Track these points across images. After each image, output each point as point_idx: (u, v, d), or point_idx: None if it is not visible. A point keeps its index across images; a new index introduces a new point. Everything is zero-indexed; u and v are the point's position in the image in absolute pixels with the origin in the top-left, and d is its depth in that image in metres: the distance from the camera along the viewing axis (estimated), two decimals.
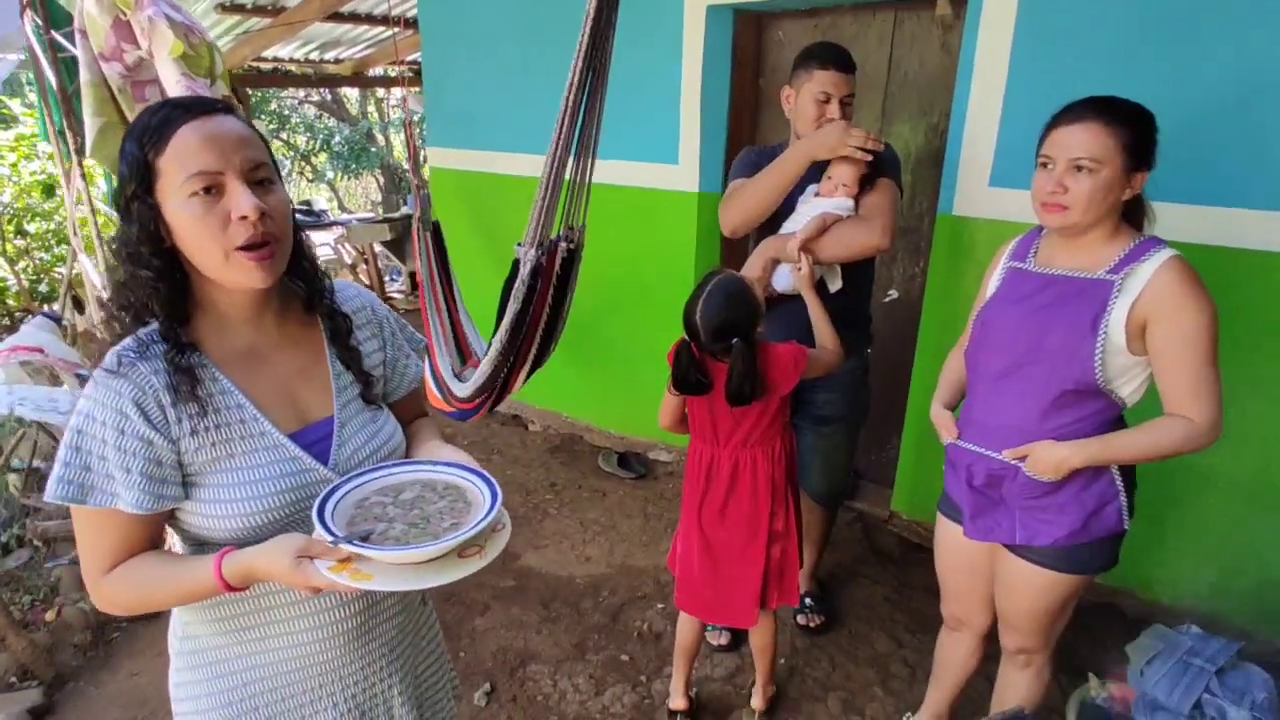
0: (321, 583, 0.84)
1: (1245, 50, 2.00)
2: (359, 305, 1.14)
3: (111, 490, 0.89)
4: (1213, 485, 2.25)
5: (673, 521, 3.17)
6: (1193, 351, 1.32)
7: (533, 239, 1.90)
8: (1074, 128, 1.35)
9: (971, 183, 2.50)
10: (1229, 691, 1.62)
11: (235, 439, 0.95)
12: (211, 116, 0.90)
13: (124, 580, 0.93)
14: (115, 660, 2.42)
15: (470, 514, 0.93)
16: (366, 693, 1.12)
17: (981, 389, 1.58)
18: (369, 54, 6.18)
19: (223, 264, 0.90)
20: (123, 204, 0.90)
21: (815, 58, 1.93)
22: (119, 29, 1.34)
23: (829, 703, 2.21)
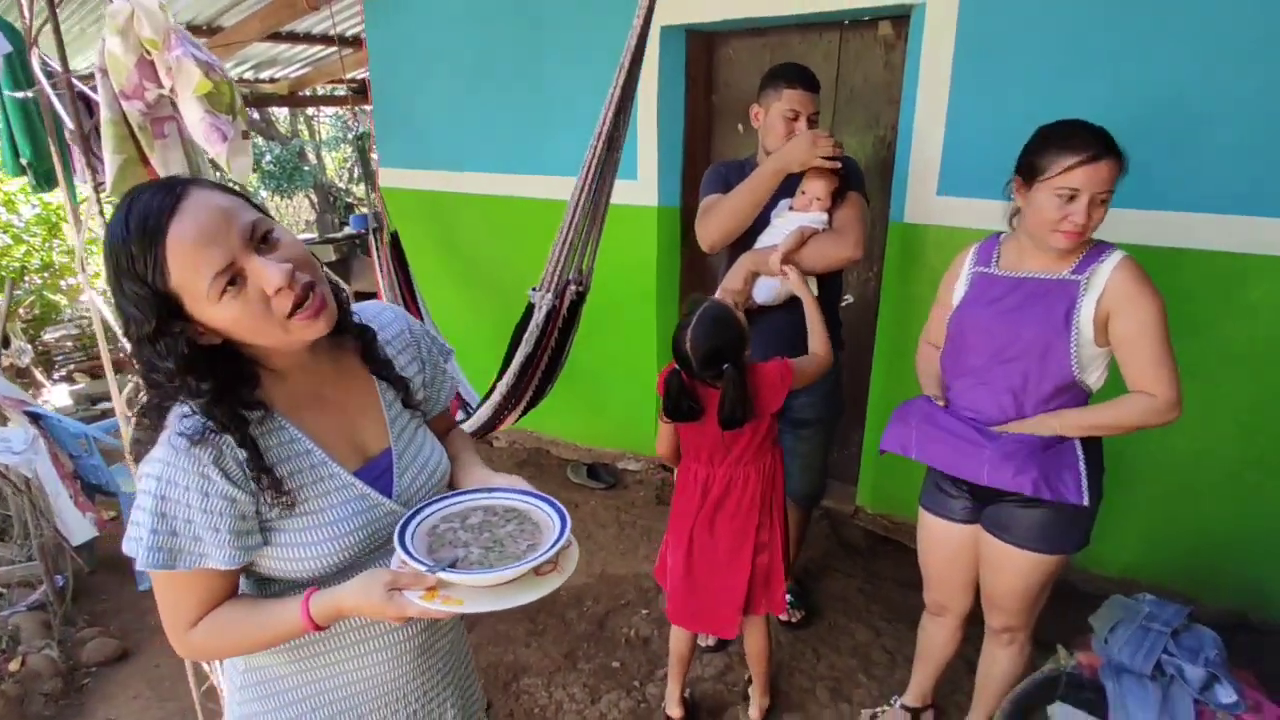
0: (415, 611, 0.87)
1: (1176, 60, 2.19)
2: (397, 330, 1.15)
3: (200, 551, 0.90)
4: (1156, 468, 2.44)
5: (646, 529, 3.24)
6: (1150, 336, 1.49)
7: (549, 283, 1.94)
8: (1099, 165, 1.45)
9: (920, 192, 2.66)
10: (1184, 651, 1.77)
11: (308, 484, 0.97)
12: (186, 203, 0.84)
13: (212, 632, 0.95)
14: (89, 705, 2.34)
15: (540, 534, 0.97)
16: (425, 708, 1.15)
17: (961, 386, 1.72)
18: (305, 73, 6.07)
19: (284, 335, 0.91)
20: (147, 339, 0.86)
21: (783, 77, 2.04)
22: (142, 68, 1.33)
23: (817, 692, 2.30)
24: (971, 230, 2.59)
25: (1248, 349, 2.28)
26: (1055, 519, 1.64)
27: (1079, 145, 1.47)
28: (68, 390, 5.09)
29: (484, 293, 3.87)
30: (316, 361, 1.02)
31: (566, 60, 3.28)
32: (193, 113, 1.33)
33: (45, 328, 5.65)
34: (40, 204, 5.47)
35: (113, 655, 2.52)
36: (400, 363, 1.13)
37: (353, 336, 1.07)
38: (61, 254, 5.65)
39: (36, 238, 5.44)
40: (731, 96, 3.26)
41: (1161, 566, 2.56)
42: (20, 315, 5.37)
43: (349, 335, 1.07)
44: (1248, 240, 2.20)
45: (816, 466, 2.36)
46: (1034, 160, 1.54)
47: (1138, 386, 1.53)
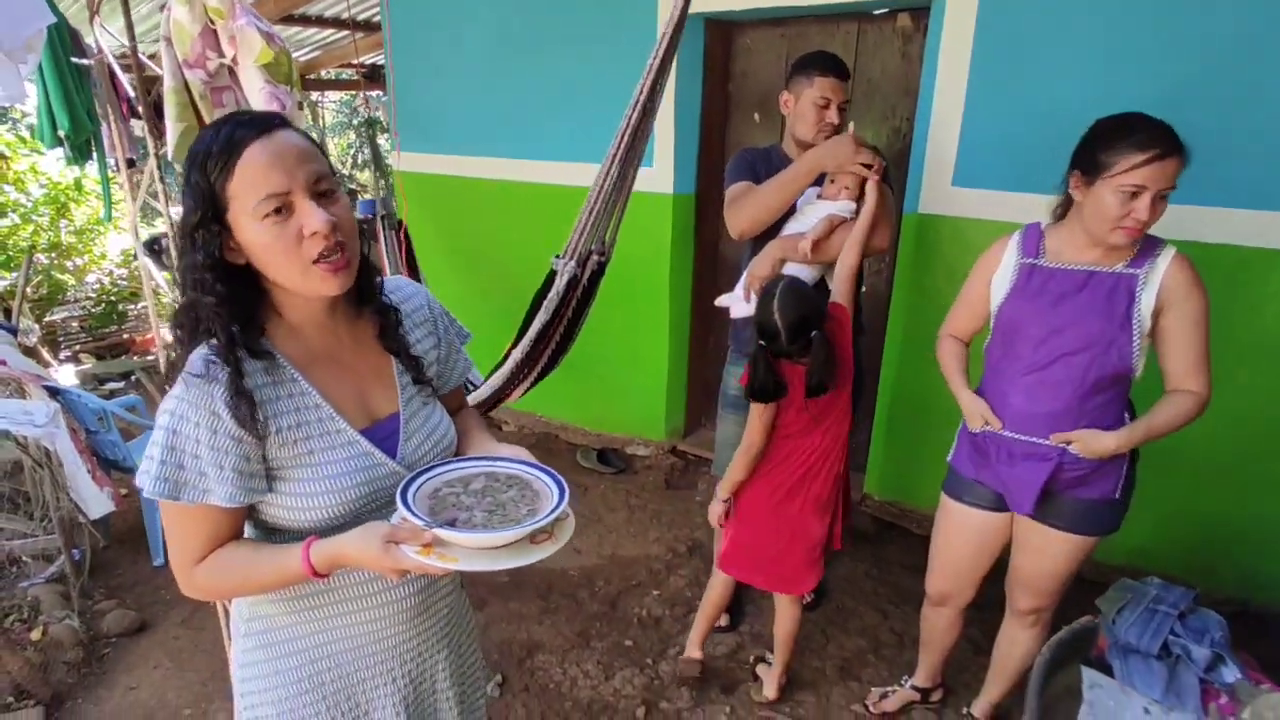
0: (410, 565, 0.90)
1: (1192, 51, 2.23)
2: (417, 304, 1.19)
3: (204, 486, 0.94)
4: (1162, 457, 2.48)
5: (656, 513, 3.28)
6: (1199, 332, 1.53)
7: (573, 251, 1.96)
8: (1166, 163, 1.44)
9: (936, 183, 2.69)
10: (1190, 632, 1.81)
11: (314, 436, 1.00)
12: (273, 134, 0.92)
13: (215, 570, 0.98)
14: (111, 676, 2.37)
15: (539, 502, 1.00)
16: (419, 667, 1.18)
17: (1020, 380, 1.69)
18: (316, 56, 6.07)
19: (301, 277, 0.95)
20: (188, 231, 0.92)
21: (815, 65, 2.06)
22: (206, 37, 1.35)
23: (827, 671, 2.35)
24: (987, 221, 2.63)
25: (1253, 342, 2.32)
26: (1096, 503, 1.71)
27: (1146, 142, 1.44)
28: (74, 370, 5.11)
29: (495, 277, 3.89)
30: (334, 324, 1.06)
31: (585, 45, 3.30)
32: (253, 81, 1.36)
33: (52, 308, 5.66)
34: (49, 184, 5.47)
35: (131, 627, 2.55)
36: (416, 336, 1.16)
37: (376, 314, 1.11)
38: (69, 234, 5.65)
39: (44, 217, 5.44)
40: (748, 86, 3.28)
41: (1166, 555, 2.61)
42: (28, 295, 5.37)
43: (372, 311, 1.11)
44: (1255, 234, 2.24)
45: None
46: (1098, 156, 1.51)
47: (1179, 381, 1.57)
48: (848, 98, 2.07)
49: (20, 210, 5.34)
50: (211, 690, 2.29)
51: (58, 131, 2.53)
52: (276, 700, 1.10)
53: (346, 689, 1.12)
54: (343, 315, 1.07)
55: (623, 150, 1.94)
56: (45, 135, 2.61)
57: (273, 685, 1.10)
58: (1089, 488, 1.69)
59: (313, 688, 1.10)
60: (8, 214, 5.27)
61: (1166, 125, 1.47)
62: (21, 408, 2.63)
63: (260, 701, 1.11)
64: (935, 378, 2.88)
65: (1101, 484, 1.68)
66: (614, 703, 2.24)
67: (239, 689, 1.15)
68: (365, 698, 1.14)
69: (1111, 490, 1.69)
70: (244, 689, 1.14)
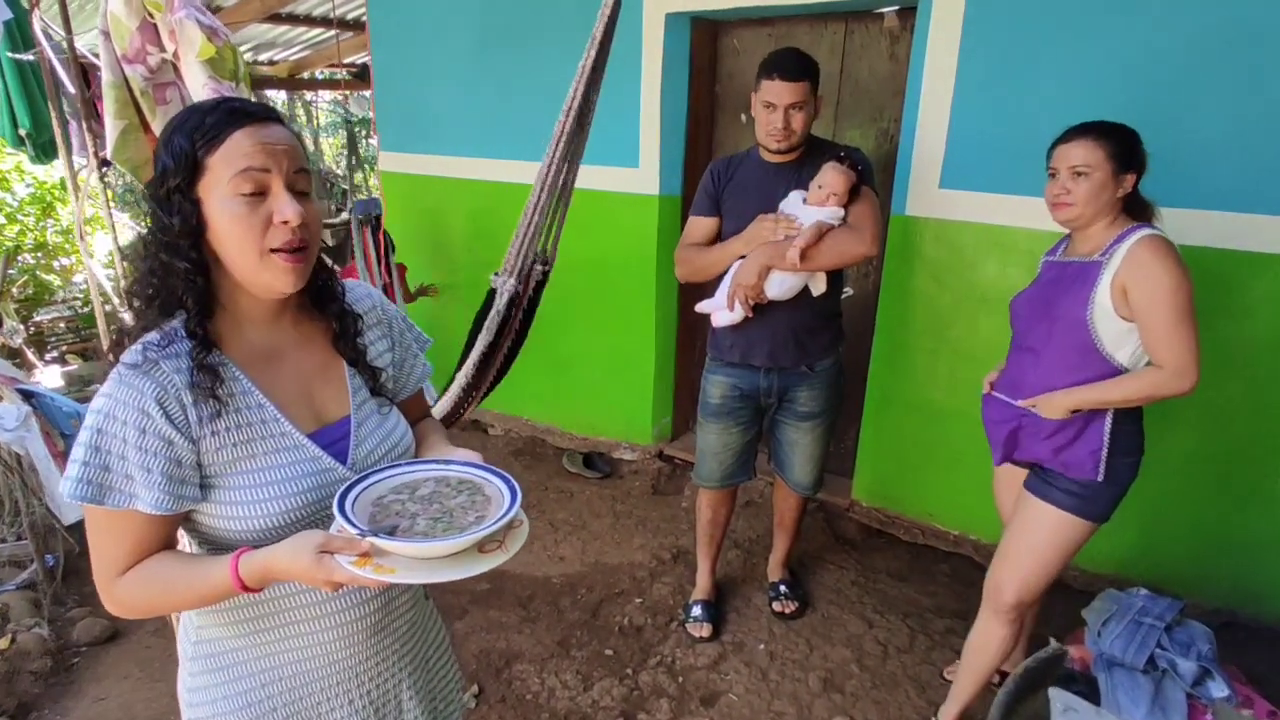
0: (344, 577, 0.83)
1: (1176, 54, 2.19)
2: (369, 305, 1.14)
3: (130, 491, 0.88)
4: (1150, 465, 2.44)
5: (641, 519, 3.23)
6: (1160, 307, 1.57)
7: (511, 268, 1.92)
8: (1071, 144, 1.68)
9: (923, 185, 2.65)
10: (1177, 645, 1.77)
11: (256, 439, 0.95)
12: (266, 124, 0.91)
13: (138, 582, 0.92)
14: (78, 686, 2.32)
15: (490, 508, 0.94)
16: (380, 689, 1.13)
17: (1013, 355, 1.90)
18: (305, 56, 6.03)
19: (257, 264, 0.91)
20: (162, 195, 0.90)
21: (765, 67, 2.01)
22: (145, 31, 1.30)
23: (809, 682, 2.31)
24: (974, 224, 2.60)
25: (1243, 349, 2.29)
26: (1083, 486, 1.75)
27: (1062, 134, 1.73)
28: (60, 371, 5.05)
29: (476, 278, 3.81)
30: (279, 322, 1.02)
31: (564, 46, 3.24)
32: (196, 78, 1.31)
33: (38, 308, 5.61)
34: (35, 183, 5.42)
35: (102, 636, 2.51)
36: (369, 339, 1.12)
37: (335, 319, 1.07)
38: (55, 234, 5.60)
39: (30, 217, 5.40)
40: (735, 87, 3.24)
41: (1154, 564, 2.57)
42: (13, 295, 5.32)
43: (332, 316, 1.06)
44: (1244, 238, 2.20)
45: (818, 457, 2.36)
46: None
47: (1151, 357, 1.63)
48: (802, 98, 1.99)
49: (5, 210, 5.29)
50: None
51: (19, 130, 2.48)
52: None
53: (300, 713, 1.06)
54: (290, 314, 1.03)
55: (560, 154, 1.89)
56: (7, 133, 2.56)
57: (220, 711, 1.04)
58: (1067, 465, 1.74)
59: (264, 713, 1.04)
60: None
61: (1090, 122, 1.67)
62: None
63: None
64: (923, 382, 2.86)
65: (1077, 458, 1.73)
66: (592, 714, 2.20)
67: (186, 715, 1.09)
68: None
69: (1091, 470, 1.72)
70: (191, 715, 1.08)
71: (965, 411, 2.73)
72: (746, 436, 2.36)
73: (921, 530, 3.00)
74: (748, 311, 2.06)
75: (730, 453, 2.37)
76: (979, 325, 2.66)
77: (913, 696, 2.25)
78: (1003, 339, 2.28)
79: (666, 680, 2.33)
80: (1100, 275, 1.65)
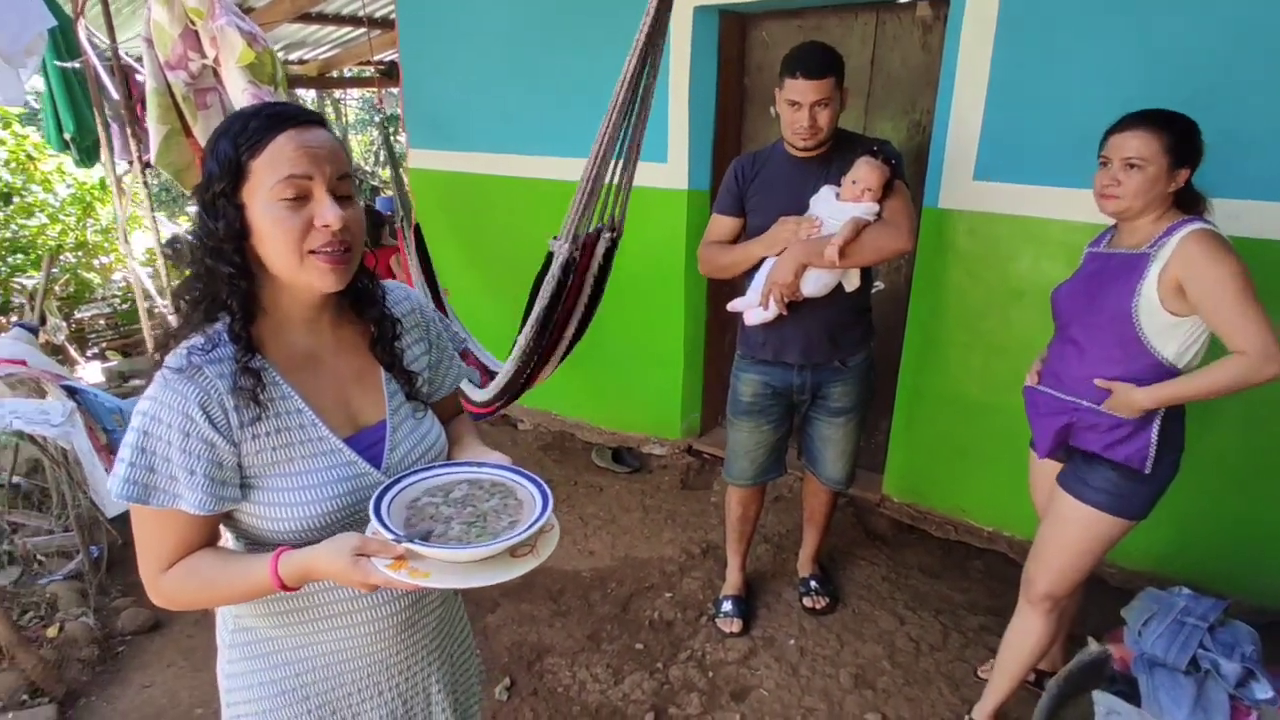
0: (379, 580, 0.86)
1: (1218, 43, 2.13)
2: (408, 308, 1.16)
3: (174, 491, 0.91)
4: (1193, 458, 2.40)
5: (670, 513, 3.24)
6: (1222, 294, 1.52)
7: (568, 233, 1.93)
8: (1128, 133, 1.62)
9: (956, 177, 2.62)
10: (1220, 646, 1.73)
11: (294, 443, 0.97)
12: (309, 128, 0.93)
13: (182, 578, 0.95)
14: (124, 674, 2.39)
15: (523, 512, 0.95)
16: (409, 682, 1.15)
17: (1055, 347, 1.87)
18: (335, 54, 6.10)
19: (298, 266, 0.93)
20: (208, 199, 0.92)
21: (787, 65, 1.98)
22: (187, 38, 1.34)
23: (840, 678, 2.30)
24: (1009, 216, 2.55)
25: None
26: (1121, 481, 1.72)
27: (1117, 122, 1.66)
28: (100, 367, 5.18)
29: (509, 273, 3.85)
30: (318, 326, 1.04)
31: (595, 41, 3.25)
32: (236, 83, 1.34)
33: (79, 306, 5.76)
34: (75, 184, 5.56)
35: (146, 625, 2.57)
36: (406, 342, 1.13)
37: (375, 323, 1.08)
38: (95, 233, 5.74)
39: (71, 217, 5.53)
40: (763, 80, 3.22)
41: (1194, 562, 2.52)
42: (55, 293, 5.47)
43: (371, 320, 1.08)
44: None
45: (850, 452, 2.35)
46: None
47: (1230, 347, 1.56)
48: (826, 95, 1.95)
49: (48, 210, 5.43)
50: None
51: (64, 134, 2.55)
52: (260, 712, 1.08)
53: (332, 703, 1.10)
54: (329, 317, 1.05)
55: (611, 127, 1.91)
56: (52, 138, 2.63)
57: (257, 696, 1.08)
58: (1116, 456, 1.70)
59: (296, 700, 1.08)
60: (35, 214, 5.37)
61: (1148, 111, 1.62)
62: (38, 407, 2.66)
63: (244, 713, 1.09)
64: (956, 377, 2.82)
65: (1127, 453, 1.69)
66: (623, 707, 2.21)
67: (224, 699, 1.13)
68: (351, 712, 1.11)
69: (1140, 463, 1.68)
70: (229, 699, 1.12)
71: (999, 406, 2.70)
72: (778, 433, 2.35)
73: (954, 526, 2.97)
74: (782, 309, 2.05)
75: (762, 450, 2.36)
76: (1013, 319, 2.62)
77: (946, 694, 2.23)
78: (1038, 333, 2.25)
79: (697, 674, 2.33)
80: (1148, 268, 1.61)
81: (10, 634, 2.21)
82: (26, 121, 5.63)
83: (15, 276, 5.28)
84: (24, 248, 5.29)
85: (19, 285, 5.25)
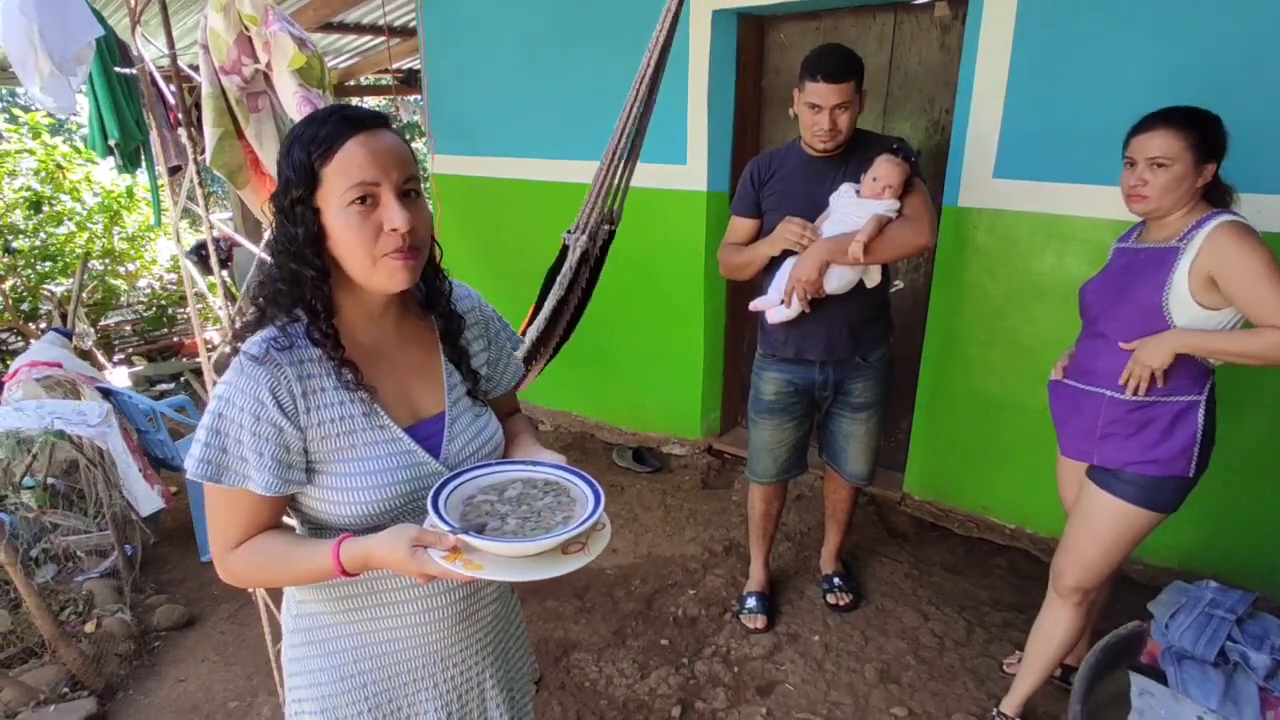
0: (435, 570, 0.89)
1: (1242, 37, 2.14)
2: (469, 305, 1.19)
3: (244, 472, 0.95)
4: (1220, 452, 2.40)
5: (692, 512, 3.26)
6: (1255, 280, 1.53)
7: (583, 225, 1.97)
8: (1151, 134, 1.63)
9: (976, 175, 2.63)
10: (1249, 639, 1.74)
11: (357, 430, 1.01)
12: (376, 132, 0.96)
13: (248, 556, 0.99)
14: (161, 668, 2.44)
15: (575, 510, 0.97)
16: (464, 674, 1.18)
17: (1083, 342, 1.88)
18: (355, 63, 6.18)
19: (370, 268, 0.96)
20: (286, 206, 0.96)
21: (808, 68, 2.00)
22: (241, 44, 1.39)
23: (865, 673, 2.31)
24: (1029, 213, 2.57)
25: None
26: (1154, 478, 1.72)
27: (1140, 121, 1.67)
28: (127, 372, 5.28)
29: (530, 279, 3.90)
30: (384, 320, 1.07)
31: (614, 46, 3.30)
32: (287, 86, 1.38)
33: (106, 313, 5.86)
34: (102, 192, 5.66)
35: (180, 621, 2.63)
36: (467, 339, 1.16)
37: (439, 318, 1.12)
38: (122, 240, 5.84)
39: (98, 225, 5.64)
40: (781, 82, 3.25)
41: (1221, 557, 2.51)
42: (83, 300, 5.57)
43: (438, 316, 1.11)
44: None
45: (873, 448, 2.37)
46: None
47: (1264, 326, 1.55)
48: (847, 99, 1.98)
49: (76, 218, 5.54)
50: (256, 684, 2.35)
51: (108, 141, 2.62)
52: (318, 696, 1.11)
53: (388, 691, 1.13)
54: (394, 311, 1.08)
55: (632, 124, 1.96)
56: (97, 144, 2.71)
57: (316, 681, 1.12)
58: (1160, 464, 1.70)
59: (354, 687, 1.11)
60: (64, 222, 5.47)
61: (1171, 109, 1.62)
62: (75, 408, 2.73)
63: (304, 696, 1.13)
64: (976, 374, 2.83)
65: (1169, 453, 1.69)
66: (649, 702, 2.24)
67: (288, 682, 1.17)
68: (407, 701, 1.14)
69: (1184, 467, 1.69)
70: (291, 682, 1.16)
71: (1021, 404, 2.70)
72: (800, 431, 2.37)
73: (976, 523, 2.98)
74: (805, 307, 2.07)
75: (785, 448, 2.38)
76: (1034, 316, 2.63)
77: (971, 688, 2.24)
78: (1059, 330, 2.26)
79: (722, 670, 2.35)
80: (1178, 261, 1.62)
81: (52, 629, 2.26)
82: (55, 132, 5.74)
83: (44, 284, 5.39)
84: (53, 255, 5.40)
85: (48, 292, 5.35)
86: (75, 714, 2.15)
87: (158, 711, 2.27)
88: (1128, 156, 1.68)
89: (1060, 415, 1.90)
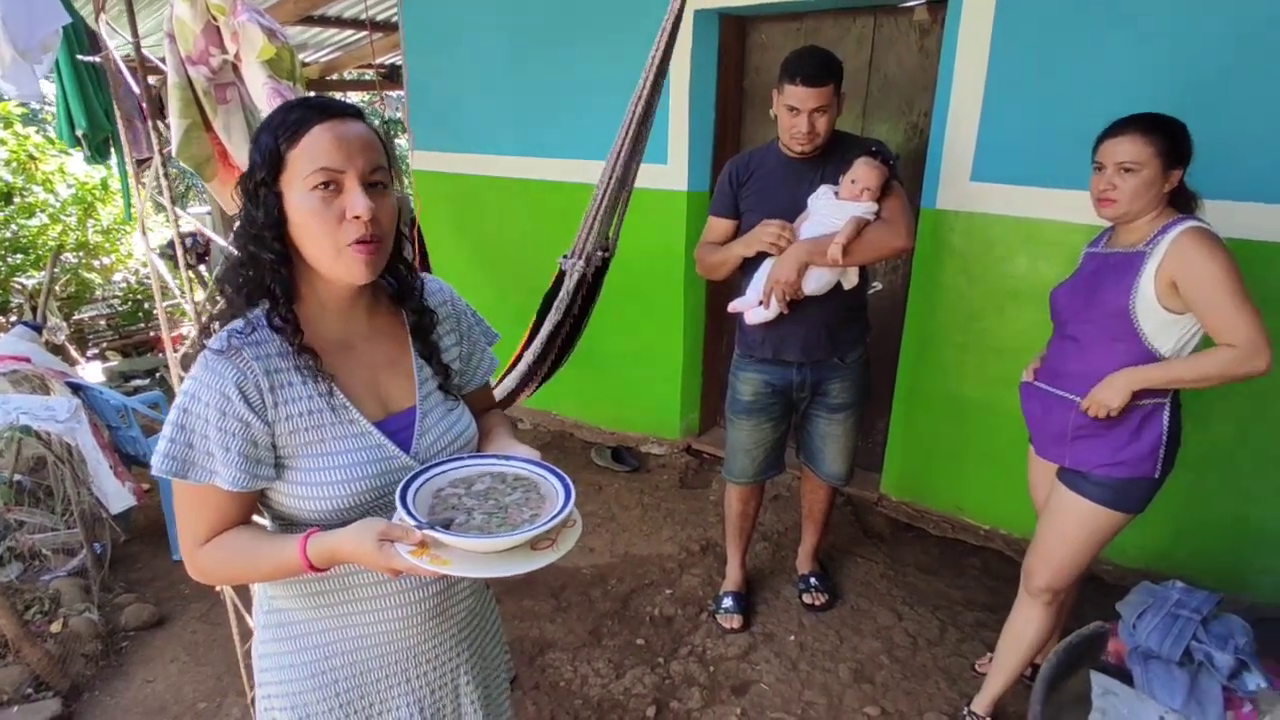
0: (402, 565, 0.88)
1: (1212, 45, 2.17)
2: (441, 299, 1.18)
3: (211, 467, 0.94)
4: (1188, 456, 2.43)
5: (670, 511, 3.26)
6: (1215, 289, 1.56)
7: (580, 251, 1.96)
8: (1119, 139, 1.66)
9: (953, 178, 2.65)
10: (1214, 638, 1.76)
11: (326, 425, 0.99)
12: (344, 120, 0.95)
13: (217, 553, 0.98)
14: (128, 669, 2.40)
15: (544, 507, 0.96)
16: (437, 671, 1.17)
17: (1054, 344, 1.90)
18: (336, 57, 6.13)
19: (334, 258, 0.95)
20: (251, 189, 0.95)
21: (787, 71, 2.00)
22: (209, 34, 1.37)
23: (840, 672, 2.32)
24: (1006, 217, 2.59)
25: None
26: (1122, 479, 1.75)
27: (1109, 127, 1.70)
28: (100, 367, 5.20)
29: (510, 275, 3.89)
30: (352, 312, 1.06)
31: (597, 43, 3.29)
32: (256, 77, 1.36)
33: (79, 307, 5.76)
34: (76, 184, 5.57)
35: (149, 621, 2.59)
36: (440, 331, 1.15)
37: (410, 312, 1.11)
38: (96, 233, 5.75)
39: (72, 217, 5.54)
40: (762, 82, 3.26)
41: (1189, 558, 2.55)
42: (56, 293, 5.47)
43: (403, 310, 1.10)
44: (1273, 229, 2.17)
45: (850, 448, 2.38)
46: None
47: (1219, 341, 1.60)
48: (825, 102, 1.98)
49: (49, 210, 5.44)
50: (226, 684, 2.32)
51: (75, 131, 2.57)
52: (289, 694, 1.10)
53: (360, 687, 1.11)
54: (364, 305, 1.07)
55: (626, 147, 1.93)
56: (64, 134, 2.66)
57: (286, 678, 1.10)
58: (1128, 466, 1.73)
59: (325, 684, 1.10)
60: (36, 214, 5.38)
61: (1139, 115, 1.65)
62: (44, 403, 2.68)
63: (274, 693, 1.12)
64: (952, 376, 2.85)
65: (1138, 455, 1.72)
66: (624, 701, 2.23)
67: (258, 679, 1.15)
68: (379, 697, 1.13)
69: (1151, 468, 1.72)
70: (261, 679, 1.14)
71: (995, 405, 2.73)
72: (778, 431, 2.38)
73: (951, 524, 3.00)
74: (784, 308, 2.08)
75: (762, 449, 2.39)
76: (1009, 319, 2.66)
77: (943, 688, 2.26)
78: (1034, 333, 2.28)
79: (698, 669, 2.35)
80: (1144, 265, 1.65)
81: (16, 628, 2.22)
82: (28, 122, 5.64)
83: (15, 276, 5.29)
84: (24, 248, 5.30)
85: (19, 285, 5.25)
86: (39, 715, 2.11)
87: (124, 713, 2.24)
88: (1097, 161, 1.71)
89: (1032, 417, 1.92)
